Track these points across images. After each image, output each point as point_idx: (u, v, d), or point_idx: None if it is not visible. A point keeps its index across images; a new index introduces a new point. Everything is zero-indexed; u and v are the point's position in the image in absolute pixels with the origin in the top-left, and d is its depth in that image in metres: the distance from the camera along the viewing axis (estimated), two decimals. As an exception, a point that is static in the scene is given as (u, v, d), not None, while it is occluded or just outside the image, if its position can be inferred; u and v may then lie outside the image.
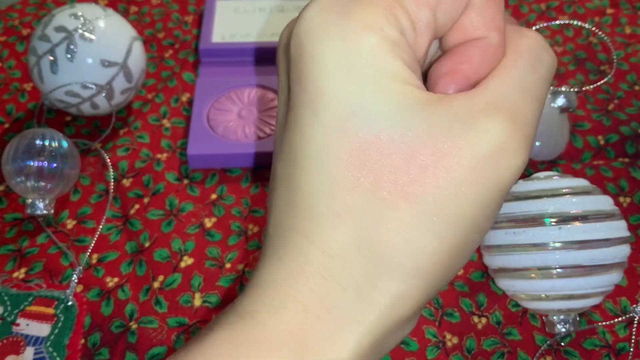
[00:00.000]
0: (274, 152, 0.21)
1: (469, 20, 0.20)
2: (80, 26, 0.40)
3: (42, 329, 0.33)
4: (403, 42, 0.18)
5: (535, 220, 0.32)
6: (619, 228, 0.32)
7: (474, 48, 0.20)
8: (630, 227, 0.39)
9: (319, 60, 0.18)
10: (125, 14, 0.54)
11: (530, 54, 0.20)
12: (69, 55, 0.40)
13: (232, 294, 0.36)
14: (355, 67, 0.18)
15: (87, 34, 0.40)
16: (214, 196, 0.41)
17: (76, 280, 0.36)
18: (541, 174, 0.35)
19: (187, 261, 0.38)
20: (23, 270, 0.37)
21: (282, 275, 0.19)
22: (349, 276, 0.18)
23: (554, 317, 0.33)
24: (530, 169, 0.42)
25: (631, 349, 0.34)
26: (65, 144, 0.39)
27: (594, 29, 0.41)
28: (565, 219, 0.32)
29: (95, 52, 0.40)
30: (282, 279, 0.19)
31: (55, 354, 0.33)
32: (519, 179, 0.35)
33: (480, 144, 0.18)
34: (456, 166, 0.17)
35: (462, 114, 0.18)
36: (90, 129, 0.45)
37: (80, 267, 0.37)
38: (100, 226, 0.39)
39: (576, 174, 0.42)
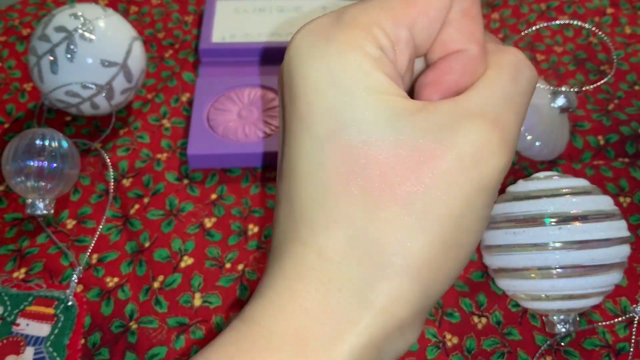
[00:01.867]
0: (277, 172, 0.22)
1: (448, 35, 0.21)
2: (80, 26, 0.40)
3: (42, 329, 0.33)
4: (384, 58, 0.20)
5: (535, 220, 0.32)
6: (619, 228, 0.32)
7: (455, 60, 0.21)
8: (630, 227, 0.39)
9: (308, 79, 0.20)
10: (125, 14, 0.54)
11: (511, 68, 0.21)
12: (69, 55, 0.40)
13: (232, 294, 0.36)
14: (342, 82, 0.19)
15: (87, 34, 0.40)
16: (214, 196, 0.41)
17: (76, 280, 0.36)
18: (541, 174, 0.35)
19: (187, 261, 0.38)
20: (23, 270, 0.37)
21: (282, 281, 0.20)
22: (345, 279, 0.19)
23: (554, 317, 0.33)
24: (530, 169, 0.42)
25: (631, 349, 0.34)
26: (65, 144, 0.39)
27: (594, 29, 0.41)
28: (565, 219, 0.32)
29: (95, 52, 0.40)
30: (282, 284, 0.20)
31: (55, 354, 0.33)
32: (519, 179, 0.35)
33: (462, 146, 0.19)
34: (440, 166, 0.19)
35: (445, 119, 0.19)
36: (90, 129, 0.45)
37: (80, 267, 0.37)
38: (100, 226, 0.39)
39: (576, 174, 0.42)
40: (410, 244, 0.19)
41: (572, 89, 0.41)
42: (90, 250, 0.38)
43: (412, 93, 0.23)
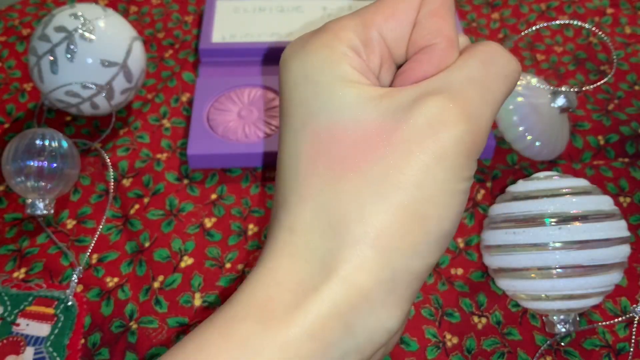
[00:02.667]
0: None
1: (417, 34, 0.23)
2: (80, 26, 0.40)
3: (42, 329, 0.33)
4: (351, 53, 0.22)
5: (535, 220, 0.32)
6: (619, 228, 0.32)
7: (422, 53, 0.23)
8: (630, 227, 0.39)
9: (288, 78, 0.22)
10: (125, 14, 0.54)
11: (481, 54, 0.22)
12: (69, 55, 0.40)
13: (232, 294, 0.36)
14: (312, 75, 0.22)
15: (87, 34, 0.40)
16: (214, 196, 0.41)
17: (76, 280, 0.36)
18: (541, 174, 0.35)
19: (187, 261, 0.38)
20: (23, 270, 0.37)
21: (261, 262, 0.21)
22: (311, 250, 0.20)
23: (554, 317, 0.33)
24: (530, 169, 0.42)
25: (631, 349, 0.34)
26: (65, 144, 0.39)
27: (594, 29, 0.41)
28: (565, 219, 0.32)
29: (95, 52, 0.40)
30: (261, 264, 0.21)
31: (55, 354, 0.33)
32: (519, 179, 0.35)
33: (417, 118, 0.20)
34: (396, 138, 0.20)
35: (405, 100, 0.21)
36: (90, 129, 0.45)
37: (80, 267, 0.37)
38: (100, 226, 0.39)
39: (576, 174, 0.42)
40: (368, 211, 0.20)
41: (572, 89, 0.41)
42: (90, 250, 0.38)
43: None
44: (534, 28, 0.41)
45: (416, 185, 0.20)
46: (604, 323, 0.35)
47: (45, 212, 0.39)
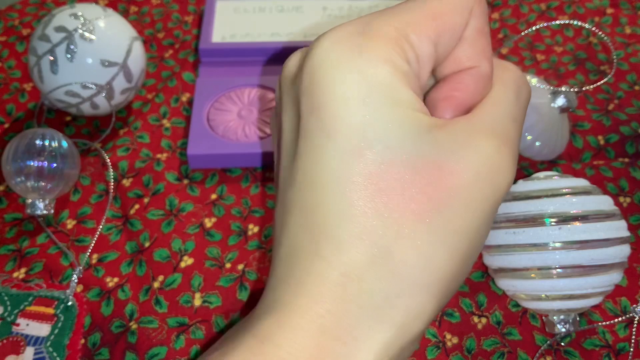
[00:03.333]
0: (281, 178, 0.22)
1: (462, 51, 0.22)
2: (80, 26, 0.40)
3: (42, 329, 0.33)
4: (411, 73, 0.20)
5: (535, 220, 0.32)
6: (619, 228, 0.32)
7: (468, 76, 0.22)
8: (630, 227, 0.39)
9: (336, 90, 0.19)
10: (125, 14, 0.54)
11: (514, 87, 0.22)
12: (69, 55, 0.40)
13: (232, 294, 0.36)
14: (372, 96, 0.19)
15: (87, 34, 0.40)
16: (214, 196, 0.41)
17: (76, 280, 0.36)
18: (541, 174, 0.35)
19: (187, 261, 0.38)
20: (23, 270, 0.37)
21: (301, 299, 0.19)
22: (366, 296, 0.19)
23: (554, 317, 0.33)
24: (530, 169, 0.42)
25: (631, 349, 0.34)
26: (65, 144, 0.39)
27: (594, 29, 0.41)
28: (565, 219, 0.32)
29: (95, 52, 0.40)
30: (301, 302, 0.19)
31: (55, 354, 0.33)
32: (519, 179, 0.35)
33: (479, 163, 0.19)
34: (460, 183, 0.19)
35: (462, 137, 0.20)
36: (90, 129, 0.45)
37: (80, 267, 0.37)
38: (100, 226, 0.39)
39: (576, 174, 0.42)
40: (432, 260, 0.19)
41: (572, 89, 0.41)
42: (90, 250, 0.38)
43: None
44: (534, 28, 0.41)
45: (475, 231, 0.20)
46: (604, 323, 0.35)
47: (45, 212, 0.39)
